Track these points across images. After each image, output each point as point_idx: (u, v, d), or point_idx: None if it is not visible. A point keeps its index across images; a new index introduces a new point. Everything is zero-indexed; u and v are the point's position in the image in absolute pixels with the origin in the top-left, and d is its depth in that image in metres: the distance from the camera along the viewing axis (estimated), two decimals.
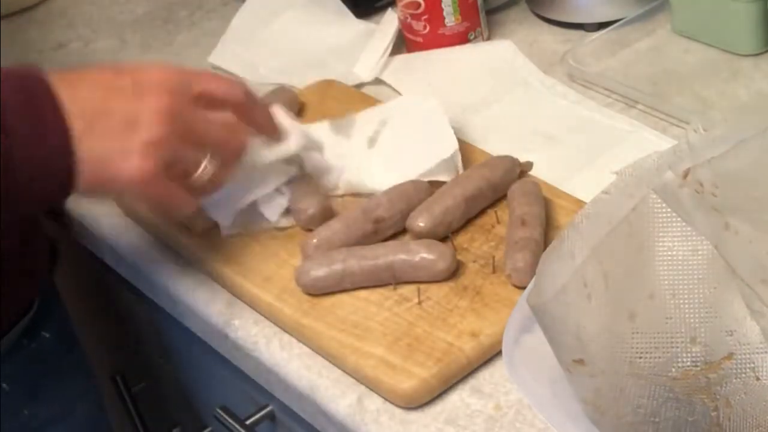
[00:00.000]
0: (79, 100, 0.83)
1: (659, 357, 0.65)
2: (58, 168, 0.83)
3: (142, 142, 0.84)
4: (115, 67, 0.88)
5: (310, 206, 0.98)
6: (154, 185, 0.86)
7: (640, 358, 0.65)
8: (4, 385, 0.98)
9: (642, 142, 1.05)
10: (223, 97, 0.90)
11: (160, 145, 0.85)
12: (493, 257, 0.93)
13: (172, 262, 1.03)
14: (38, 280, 1.03)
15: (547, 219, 0.95)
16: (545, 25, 1.26)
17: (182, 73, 0.89)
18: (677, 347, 0.65)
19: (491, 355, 0.88)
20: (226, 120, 0.90)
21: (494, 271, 0.93)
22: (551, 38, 1.24)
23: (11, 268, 0.96)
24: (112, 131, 0.84)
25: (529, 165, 1.02)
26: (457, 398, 0.86)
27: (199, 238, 1.00)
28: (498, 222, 0.98)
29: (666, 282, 0.65)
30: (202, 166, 0.89)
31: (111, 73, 0.87)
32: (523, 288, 0.86)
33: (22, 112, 0.81)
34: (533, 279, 0.74)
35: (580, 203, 0.96)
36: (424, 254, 0.92)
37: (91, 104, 0.84)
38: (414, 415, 0.86)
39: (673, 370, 0.65)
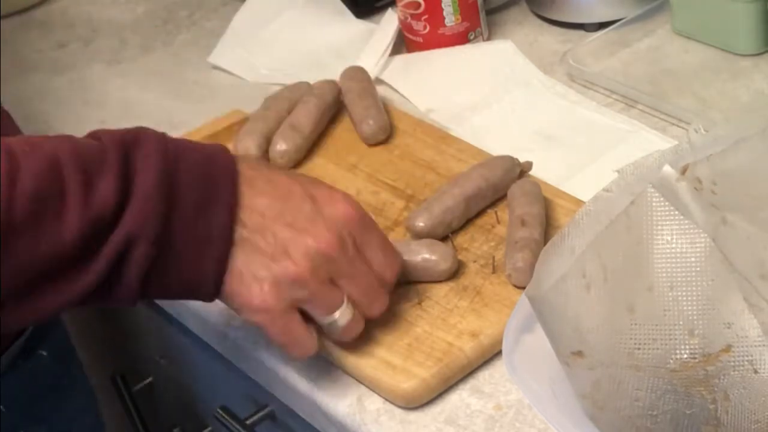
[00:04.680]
0: (251, 208, 0.80)
1: (657, 349, 0.65)
2: (212, 256, 0.79)
3: (279, 272, 0.80)
4: (305, 183, 0.83)
5: None
6: (275, 321, 0.81)
7: (639, 349, 0.66)
8: (1, 407, 0.98)
9: (642, 142, 1.05)
10: (380, 263, 0.85)
11: (301, 281, 0.80)
12: (493, 257, 0.93)
13: None
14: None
15: (547, 219, 0.95)
16: (545, 25, 1.26)
17: (362, 219, 0.84)
18: (675, 339, 0.65)
19: (491, 355, 0.88)
20: (372, 278, 0.85)
21: (494, 271, 0.93)
22: (551, 38, 1.24)
23: None
24: (262, 250, 0.80)
25: (529, 165, 1.02)
26: (457, 398, 0.86)
27: None
28: (498, 222, 0.98)
29: (664, 275, 0.65)
30: (340, 311, 0.83)
31: (298, 187, 0.82)
32: (523, 288, 0.86)
33: (197, 193, 0.78)
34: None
35: (580, 203, 0.96)
36: (425, 255, 0.92)
37: (259, 219, 0.80)
38: (414, 415, 0.86)
39: (671, 362, 0.65)
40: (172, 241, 0.78)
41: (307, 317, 0.83)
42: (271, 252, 0.80)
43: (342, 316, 0.83)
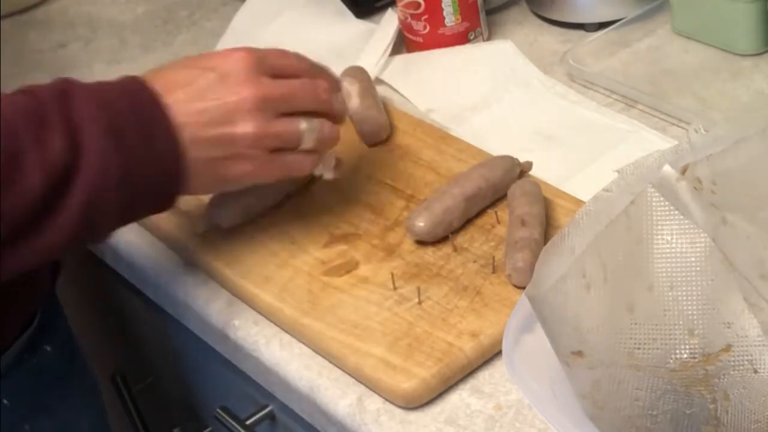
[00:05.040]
0: (175, 109, 0.87)
1: (657, 348, 0.65)
2: (171, 178, 0.87)
3: (247, 140, 0.89)
4: (196, 62, 0.91)
5: None
6: (269, 169, 0.92)
7: (639, 349, 0.66)
8: (5, 401, 0.98)
9: (642, 142, 1.05)
10: (292, 70, 0.94)
11: (262, 135, 0.89)
12: (493, 257, 0.94)
13: (173, 262, 1.03)
14: (41, 293, 1.03)
15: (547, 219, 0.95)
16: (545, 25, 1.26)
17: (256, 54, 0.91)
18: (675, 339, 0.65)
19: (491, 355, 0.88)
20: (304, 83, 0.94)
21: (494, 271, 0.93)
22: (551, 38, 1.24)
23: (15, 283, 0.95)
24: (213, 136, 0.88)
25: (529, 165, 1.02)
26: (457, 398, 0.86)
27: (200, 238, 1.00)
28: (498, 222, 0.98)
29: (664, 274, 0.65)
30: (304, 128, 0.92)
31: (196, 71, 0.90)
32: (523, 288, 0.86)
33: (137, 131, 0.85)
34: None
35: (580, 203, 0.96)
36: None
37: (187, 112, 0.87)
38: (414, 415, 0.86)
39: (671, 361, 0.65)
40: (134, 180, 0.85)
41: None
42: (220, 129, 0.88)
43: (308, 130, 0.92)
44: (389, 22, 1.25)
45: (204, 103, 0.88)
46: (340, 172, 0.99)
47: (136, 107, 0.86)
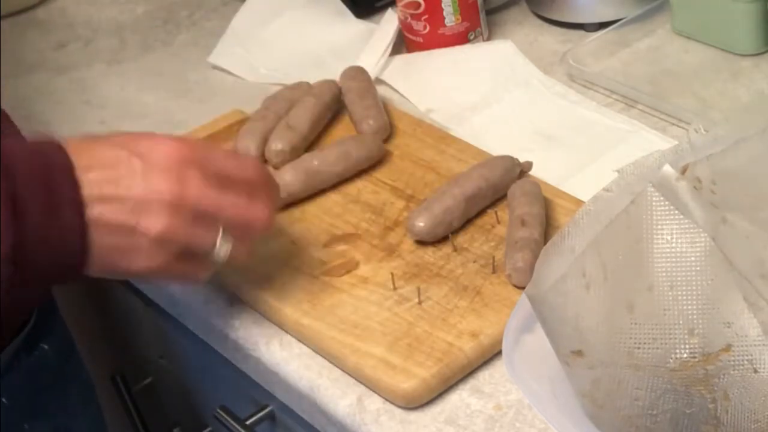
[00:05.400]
0: (88, 185, 0.81)
1: (657, 348, 0.65)
2: (71, 251, 0.82)
3: (150, 238, 0.83)
4: (125, 144, 0.85)
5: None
6: (165, 273, 0.86)
7: (639, 349, 0.66)
8: (3, 400, 0.98)
9: (642, 142, 1.05)
10: (235, 177, 0.87)
11: (168, 237, 0.83)
12: (493, 257, 0.94)
13: None
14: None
15: (547, 219, 0.95)
16: (545, 25, 1.26)
17: (193, 151, 0.86)
18: (675, 338, 0.65)
19: (491, 355, 0.88)
20: (238, 198, 0.86)
21: (494, 271, 0.93)
22: (551, 38, 1.24)
23: None
24: (122, 221, 0.82)
25: (528, 165, 1.02)
26: (457, 398, 0.86)
27: None
28: (498, 222, 0.98)
29: (664, 274, 0.65)
30: (217, 244, 0.85)
31: (122, 152, 0.84)
32: (523, 288, 0.86)
33: (39, 193, 0.80)
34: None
35: (580, 203, 0.96)
36: None
37: (99, 189, 0.82)
38: (414, 415, 0.86)
39: (671, 361, 0.65)
40: (28, 253, 0.79)
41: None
42: (129, 218, 0.82)
43: (221, 246, 0.85)
44: (389, 22, 1.25)
45: (117, 188, 0.82)
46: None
47: (44, 174, 0.80)
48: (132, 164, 0.83)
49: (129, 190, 0.82)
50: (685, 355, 0.65)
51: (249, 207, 0.87)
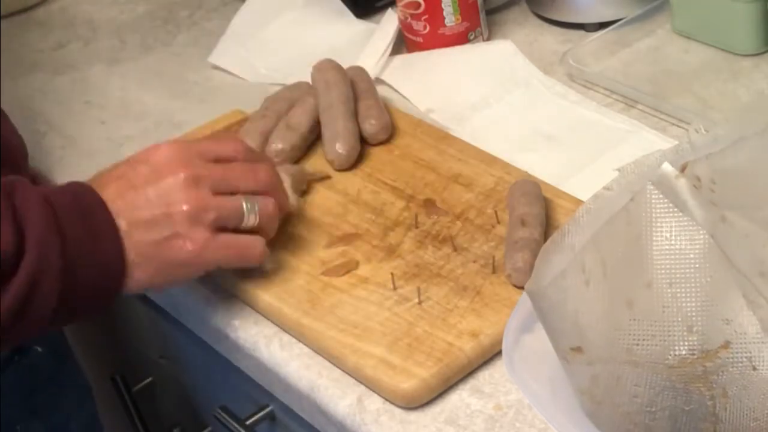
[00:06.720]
0: (111, 200, 0.87)
1: (656, 345, 0.65)
2: (112, 270, 0.87)
3: (185, 216, 0.88)
4: (127, 161, 0.92)
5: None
6: (215, 249, 0.89)
7: (637, 345, 0.66)
8: None
9: (642, 142, 1.05)
10: (227, 155, 0.93)
11: (200, 208, 0.88)
12: (493, 257, 0.93)
13: None
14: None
15: (547, 219, 0.95)
16: (545, 25, 1.26)
17: (185, 144, 0.93)
18: (674, 335, 0.65)
19: (491, 355, 0.88)
20: (242, 166, 0.93)
21: (494, 271, 0.93)
22: (551, 38, 1.24)
23: None
24: (151, 217, 0.88)
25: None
26: (457, 398, 0.86)
27: None
28: (498, 222, 0.98)
29: (663, 271, 0.65)
30: (244, 208, 0.91)
31: (127, 167, 0.90)
32: (523, 288, 0.86)
33: (78, 222, 0.85)
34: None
35: (579, 203, 0.96)
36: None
37: (122, 200, 0.88)
38: (414, 415, 0.86)
39: (670, 358, 0.65)
40: (73, 272, 0.84)
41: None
42: (158, 212, 0.88)
43: (249, 211, 0.91)
44: (389, 22, 1.25)
45: (136, 189, 0.88)
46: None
47: (77, 201, 0.87)
48: (138, 170, 0.89)
49: (147, 189, 0.88)
50: (684, 352, 0.65)
51: (254, 171, 0.93)
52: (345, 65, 1.16)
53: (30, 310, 0.83)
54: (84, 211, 0.86)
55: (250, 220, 0.91)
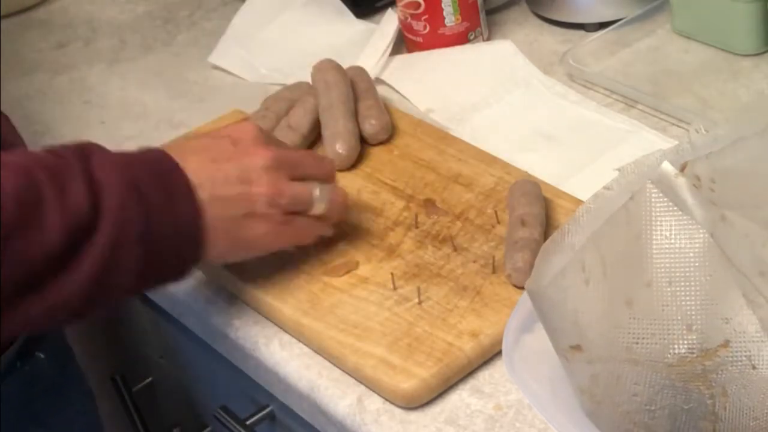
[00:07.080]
0: (193, 171, 0.87)
1: (656, 343, 0.65)
2: (191, 237, 0.87)
3: (264, 199, 0.89)
4: (210, 134, 0.93)
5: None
6: (282, 234, 0.92)
7: (637, 344, 0.66)
8: None
9: (642, 142, 1.05)
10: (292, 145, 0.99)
11: (279, 193, 0.90)
12: (493, 257, 0.93)
13: None
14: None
15: (547, 219, 0.95)
16: (545, 25, 1.26)
17: (261, 127, 0.95)
18: (673, 334, 0.65)
19: (491, 355, 0.88)
20: (307, 153, 0.99)
21: (494, 271, 0.93)
22: (551, 38, 1.24)
23: None
24: (231, 195, 0.89)
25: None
26: (457, 398, 0.86)
27: None
28: (498, 222, 0.98)
29: (663, 270, 0.65)
30: (316, 195, 0.92)
31: (209, 140, 0.92)
32: (523, 288, 0.86)
33: (156, 189, 0.85)
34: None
35: (579, 203, 0.96)
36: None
37: (204, 173, 0.88)
38: (414, 415, 0.86)
39: (669, 356, 0.65)
40: (154, 237, 0.84)
41: None
42: (237, 190, 0.89)
43: (320, 195, 0.93)
44: (389, 22, 1.25)
45: (219, 164, 0.89)
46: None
47: (154, 168, 0.86)
48: (221, 145, 0.90)
49: (229, 161, 0.89)
50: (683, 351, 0.65)
51: (322, 161, 0.97)
52: (345, 65, 1.16)
53: (115, 274, 0.82)
54: (162, 179, 0.86)
55: (318, 209, 0.93)
